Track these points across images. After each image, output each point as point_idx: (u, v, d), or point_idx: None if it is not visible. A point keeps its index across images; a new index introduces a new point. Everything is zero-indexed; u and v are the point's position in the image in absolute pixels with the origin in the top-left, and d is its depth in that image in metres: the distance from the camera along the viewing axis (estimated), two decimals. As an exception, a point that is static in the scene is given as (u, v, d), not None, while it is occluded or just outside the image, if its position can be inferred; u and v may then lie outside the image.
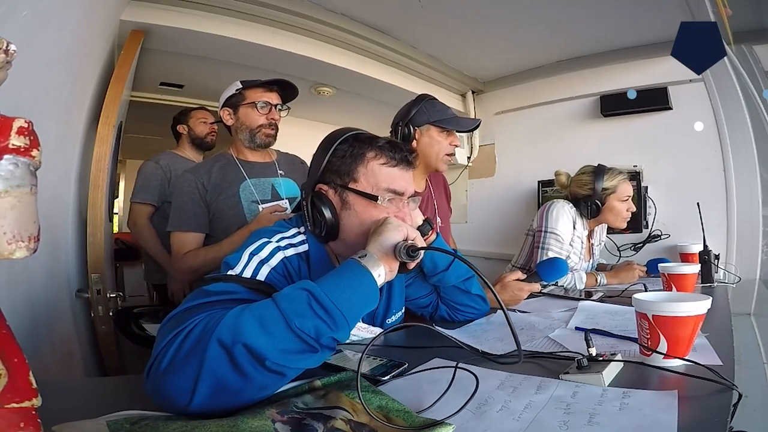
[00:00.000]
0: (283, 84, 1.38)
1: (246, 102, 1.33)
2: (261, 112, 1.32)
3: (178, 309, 0.62)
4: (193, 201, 1.29)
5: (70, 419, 0.49)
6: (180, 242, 1.29)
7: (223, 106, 1.37)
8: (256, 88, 1.34)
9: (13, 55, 0.32)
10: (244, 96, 1.33)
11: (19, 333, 0.33)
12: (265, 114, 1.33)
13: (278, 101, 1.37)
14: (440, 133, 1.32)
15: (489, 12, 2.05)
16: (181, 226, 1.29)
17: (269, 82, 1.36)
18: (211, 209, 1.30)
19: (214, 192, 1.29)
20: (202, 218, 1.30)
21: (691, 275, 1.20)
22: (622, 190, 1.62)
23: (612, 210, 1.61)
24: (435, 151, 1.32)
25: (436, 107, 1.34)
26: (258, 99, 1.33)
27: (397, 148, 0.81)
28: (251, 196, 1.32)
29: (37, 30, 0.90)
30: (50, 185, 1.16)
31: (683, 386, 0.58)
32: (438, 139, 1.31)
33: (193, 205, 1.29)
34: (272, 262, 0.75)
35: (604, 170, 1.63)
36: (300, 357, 0.55)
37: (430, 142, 1.31)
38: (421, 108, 1.32)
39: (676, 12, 1.99)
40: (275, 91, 1.37)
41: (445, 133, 1.32)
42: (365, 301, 0.61)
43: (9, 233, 0.30)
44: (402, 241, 0.67)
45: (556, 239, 1.58)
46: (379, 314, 0.94)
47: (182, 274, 1.29)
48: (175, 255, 1.30)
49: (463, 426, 0.50)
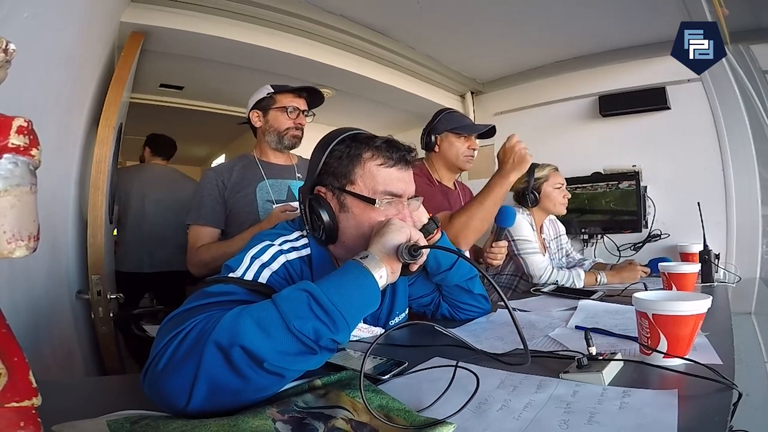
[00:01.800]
0: (312, 91, 1.45)
1: (276, 106, 1.40)
2: (290, 116, 1.40)
3: (178, 310, 0.62)
4: (211, 197, 1.34)
5: (70, 419, 0.49)
6: (196, 235, 1.34)
7: (253, 108, 1.42)
8: (287, 93, 1.41)
9: (12, 54, 0.33)
10: (275, 100, 1.40)
11: (19, 333, 0.33)
12: (293, 119, 1.40)
13: (305, 107, 1.44)
14: (458, 139, 1.53)
15: (488, 12, 2.06)
16: (198, 219, 1.34)
17: (299, 88, 1.44)
18: (228, 206, 1.35)
19: (232, 190, 1.36)
20: (219, 214, 1.35)
21: (692, 274, 1.20)
22: (554, 178, 1.78)
23: (548, 196, 1.76)
24: (454, 153, 1.54)
25: (453, 117, 1.57)
26: (288, 104, 1.40)
27: (394, 148, 0.79)
28: (267, 195, 1.37)
29: (38, 31, 0.90)
30: (50, 186, 1.16)
31: (683, 385, 0.58)
32: (456, 143, 1.54)
33: (210, 201, 1.34)
34: (274, 266, 0.74)
35: (534, 165, 1.77)
36: (299, 359, 0.54)
37: (450, 146, 1.54)
38: (441, 118, 1.57)
39: (673, 12, 1.99)
40: (303, 97, 1.45)
41: (462, 138, 1.53)
42: (366, 302, 0.61)
43: (9, 232, 0.30)
44: (404, 243, 0.66)
45: (526, 241, 1.68)
46: (383, 315, 0.93)
47: (194, 267, 1.32)
48: (189, 248, 1.35)
49: (463, 425, 0.50)
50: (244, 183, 1.37)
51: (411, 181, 0.82)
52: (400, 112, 3.13)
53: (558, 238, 1.96)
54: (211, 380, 0.50)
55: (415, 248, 0.66)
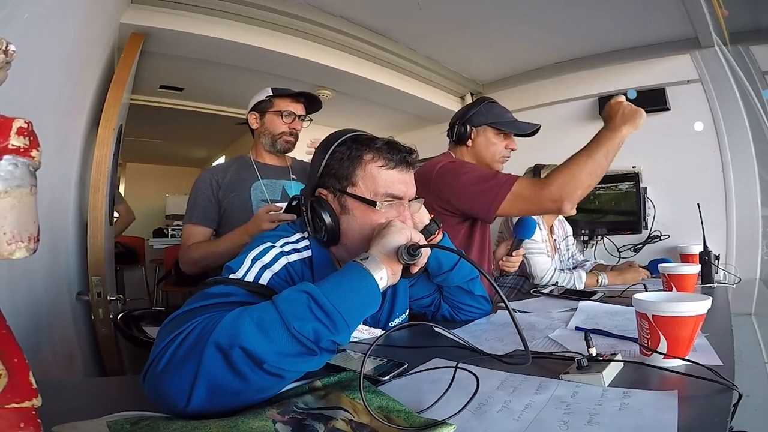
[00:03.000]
0: (310, 97, 1.46)
1: (273, 110, 1.41)
2: (285, 121, 1.41)
3: (178, 311, 0.62)
4: (205, 196, 1.36)
5: (71, 419, 0.49)
6: (188, 234, 1.36)
7: (251, 110, 1.44)
8: (285, 98, 1.42)
9: (12, 56, 0.33)
10: (273, 104, 1.41)
11: (19, 334, 0.33)
12: (288, 123, 1.41)
13: (303, 112, 1.45)
14: (497, 135, 1.34)
15: (488, 14, 2.06)
16: (191, 219, 1.36)
17: (298, 93, 1.44)
18: (221, 205, 1.37)
19: (226, 190, 1.37)
20: (212, 213, 1.36)
21: (691, 275, 1.20)
22: None
23: None
24: (491, 152, 1.34)
25: (495, 109, 1.36)
26: (285, 108, 1.41)
27: (396, 149, 0.79)
28: (261, 195, 1.39)
29: (38, 33, 0.91)
30: (50, 188, 1.16)
31: (683, 386, 0.58)
32: (494, 141, 1.34)
33: (204, 200, 1.36)
34: (275, 267, 0.74)
35: (541, 167, 1.74)
36: (299, 360, 0.54)
37: (486, 143, 1.33)
38: (480, 109, 1.34)
39: (673, 13, 1.99)
40: (301, 103, 1.45)
41: (502, 135, 1.34)
42: (366, 304, 0.60)
43: (9, 233, 0.30)
44: (405, 244, 0.66)
45: (532, 241, 1.66)
46: (383, 317, 0.93)
47: (185, 264, 1.34)
48: (182, 246, 1.37)
49: (463, 426, 0.50)
50: (238, 183, 1.38)
51: (412, 183, 0.82)
52: (400, 114, 3.13)
53: (566, 239, 1.96)
54: (211, 381, 0.50)
55: (414, 248, 0.66)
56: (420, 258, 0.69)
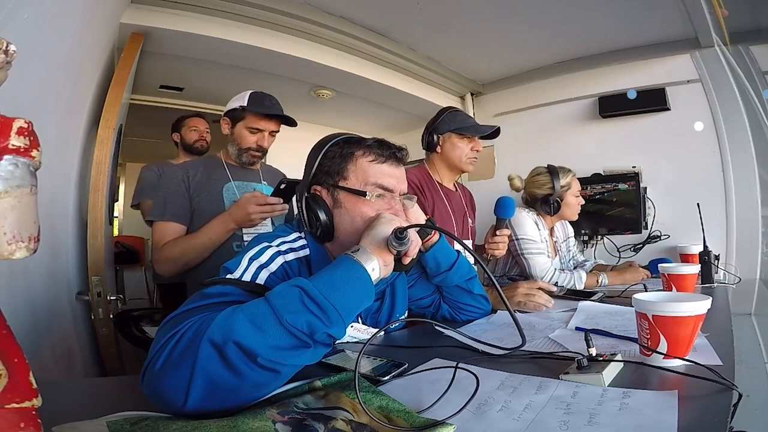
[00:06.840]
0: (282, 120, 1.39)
1: (244, 123, 1.36)
2: (253, 137, 1.37)
3: (176, 311, 0.62)
4: (178, 192, 1.30)
5: (71, 419, 0.49)
6: (162, 232, 1.29)
7: (225, 114, 1.40)
8: (258, 114, 1.35)
9: (12, 56, 0.33)
10: (244, 116, 1.36)
11: (19, 334, 0.33)
12: (257, 140, 1.38)
13: (274, 128, 1.40)
14: (461, 140, 1.48)
15: (488, 14, 2.06)
16: (164, 216, 1.29)
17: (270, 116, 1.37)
18: (192, 204, 1.32)
19: (197, 188, 1.33)
20: (185, 210, 1.31)
21: (691, 275, 1.20)
22: (576, 186, 1.74)
23: (569, 205, 1.73)
24: (457, 155, 1.48)
25: (457, 117, 1.50)
26: (254, 125, 1.36)
27: (386, 146, 0.82)
28: (234, 196, 1.36)
29: (38, 33, 0.91)
30: (50, 188, 1.16)
31: (683, 386, 0.58)
32: (459, 144, 1.48)
33: (177, 197, 1.30)
34: (272, 267, 0.75)
35: (557, 169, 1.73)
36: (293, 353, 0.54)
37: (452, 147, 1.48)
38: (443, 118, 1.50)
39: (673, 13, 1.99)
40: (274, 120, 1.39)
41: (465, 139, 1.48)
42: (359, 295, 0.61)
43: (9, 233, 0.30)
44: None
45: (530, 241, 1.65)
46: (383, 318, 0.94)
47: (162, 265, 1.28)
48: (155, 244, 1.30)
49: (463, 426, 0.50)
50: (209, 183, 1.34)
51: (403, 178, 0.84)
52: (400, 114, 3.13)
53: (567, 240, 1.95)
54: (207, 378, 0.51)
55: (400, 230, 0.66)
56: (410, 245, 0.69)
